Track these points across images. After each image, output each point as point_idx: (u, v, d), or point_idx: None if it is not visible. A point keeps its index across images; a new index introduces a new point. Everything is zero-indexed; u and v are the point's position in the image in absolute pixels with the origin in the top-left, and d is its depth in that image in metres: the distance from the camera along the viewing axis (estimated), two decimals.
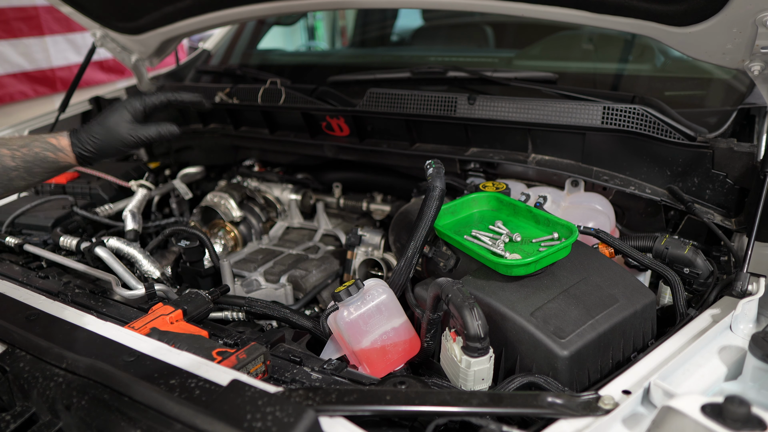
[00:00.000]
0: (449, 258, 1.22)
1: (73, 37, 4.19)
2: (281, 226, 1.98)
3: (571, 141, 1.51)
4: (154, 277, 1.49)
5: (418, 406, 0.78)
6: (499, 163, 1.61)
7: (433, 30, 2.94)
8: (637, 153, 1.44)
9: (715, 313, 1.03)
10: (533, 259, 1.03)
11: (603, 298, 1.04)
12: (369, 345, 1.06)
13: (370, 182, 2.02)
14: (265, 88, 1.94)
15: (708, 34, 1.25)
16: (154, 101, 1.20)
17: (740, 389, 0.86)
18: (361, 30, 3.21)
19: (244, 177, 2.09)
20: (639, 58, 2.03)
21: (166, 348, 0.91)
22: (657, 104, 1.46)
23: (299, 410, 0.69)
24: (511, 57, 2.25)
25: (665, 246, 1.26)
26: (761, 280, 1.07)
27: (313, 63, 2.82)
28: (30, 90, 4.00)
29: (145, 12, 1.97)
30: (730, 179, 1.34)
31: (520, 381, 0.94)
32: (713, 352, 0.93)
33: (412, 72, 1.90)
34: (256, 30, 2.76)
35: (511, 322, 1.00)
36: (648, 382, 0.82)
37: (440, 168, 1.23)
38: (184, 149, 2.31)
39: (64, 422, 0.82)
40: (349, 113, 1.76)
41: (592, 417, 0.77)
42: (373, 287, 1.11)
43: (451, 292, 0.96)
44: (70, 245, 1.54)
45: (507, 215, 1.26)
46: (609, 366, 1.02)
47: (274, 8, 1.83)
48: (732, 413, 0.64)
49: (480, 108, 1.57)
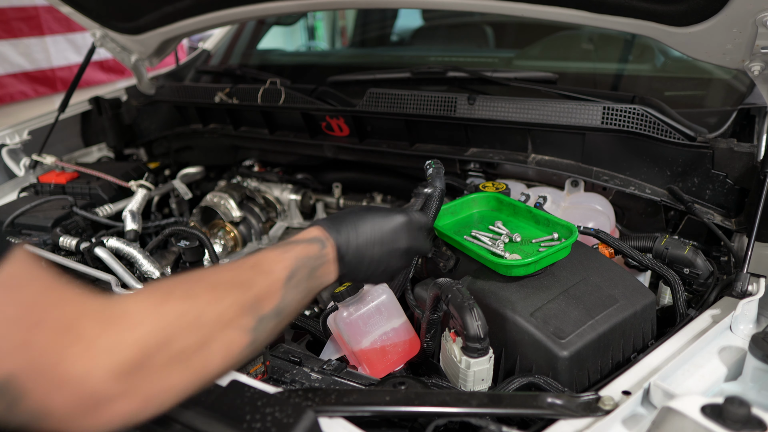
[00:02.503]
0: (449, 258, 1.22)
1: (73, 37, 4.19)
2: (281, 227, 1.98)
3: (570, 141, 1.50)
4: (153, 277, 1.49)
5: (418, 406, 0.78)
6: (498, 163, 1.61)
7: (433, 30, 2.94)
8: (637, 153, 1.44)
9: (715, 313, 1.03)
10: (533, 259, 1.03)
11: (603, 299, 1.04)
12: (369, 345, 1.06)
13: (369, 182, 2.02)
14: (264, 88, 1.94)
15: (708, 34, 1.25)
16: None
17: (740, 390, 0.86)
18: (361, 30, 3.21)
19: (244, 177, 2.09)
20: (639, 58, 2.03)
21: None
22: (657, 104, 1.46)
23: (299, 411, 0.69)
24: (511, 57, 2.25)
25: (665, 246, 1.26)
26: (761, 280, 1.07)
27: (313, 63, 2.82)
28: (30, 90, 3.99)
29: (145, 12, 1.97)
30: (730, 179, 1.34)
31: (519, 381, 0.94)
32: (713, 352, 0.93)
33: (412, 72, 1.90)
34: (256, 30, 2.76)
35: (511, 322, 1.00)
36: (648, 383, 0.82)
37: (440, 168, 1.23)
38: (183, 149, 2.31)
39: None
40: (349, 113, 1.76)
41: (592, 417, 0.77)
42: (372, 288, 1.11)
43: (451, 292, 0.96)
44: (69, 245, 1.54)
45: (507, 215, 1.26)
46: (609, 366, 1.02)
47: (274, 8, 1.83)
48: (732, 414, 0.64)
49: (480, 108, 1.57)
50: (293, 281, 0.77)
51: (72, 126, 2.30)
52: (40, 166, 2.06)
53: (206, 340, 0.64)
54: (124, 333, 0.58)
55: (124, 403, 0.57)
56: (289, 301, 0.76)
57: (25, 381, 0.53)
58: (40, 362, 0.53)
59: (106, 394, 0.55)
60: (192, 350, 0.62)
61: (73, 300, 0.58)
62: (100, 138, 2.34)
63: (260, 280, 0.73)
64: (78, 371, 0.54)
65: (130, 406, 0.57)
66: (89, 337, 0.56)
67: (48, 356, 0.54)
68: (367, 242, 0.89)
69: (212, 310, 0.66)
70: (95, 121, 2.30)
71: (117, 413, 0.57)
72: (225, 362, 0.66)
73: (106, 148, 2.37)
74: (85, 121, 2.34)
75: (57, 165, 2.02)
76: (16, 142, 2.05)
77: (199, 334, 0.63)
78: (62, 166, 2.02)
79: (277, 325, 0.74)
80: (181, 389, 0.62)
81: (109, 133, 2.29)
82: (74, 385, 0.54)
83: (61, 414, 0.55)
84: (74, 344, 0.55)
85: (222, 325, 0.66)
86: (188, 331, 0.62)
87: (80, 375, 0.54)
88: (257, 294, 0.72)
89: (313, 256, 0.82)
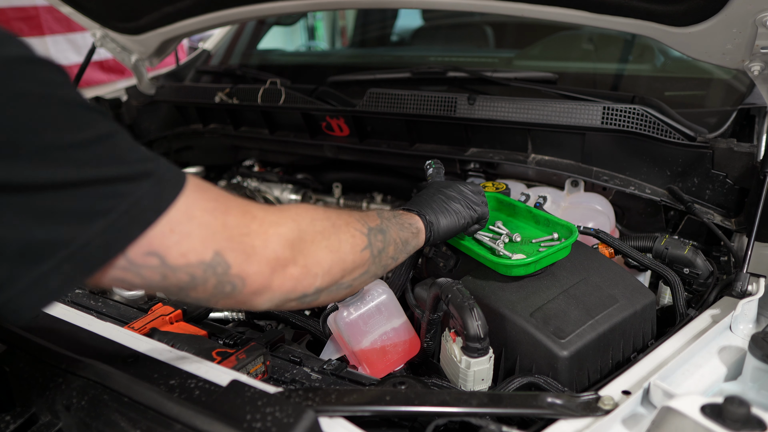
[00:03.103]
0: (449, 258, 1.22)
1: (74, 37, 4.18)
2: None
3: (570, 141, 1.51)
4: None
5: (418, 406, 0.78)
6: (498, 163, 1.61)
7: (433, 30, 2.94)
8: (637, 153, 1.44)
9: (715, 313, 1.03)
10: (533, 259, 1.03)
11: (603, 299, 1.04)
12: (369, 345, 1.06)
13: (369, 182, 2.02)
14: (265, 88, 1.94)
15: (708, 34, 1.25)
16: None
17: (740, 390, 0.86)
18: (361, 30, 3.21)
19: (244, 177, 2.09)
20: (639, 58, 2.03)
21: (165, 348, 0.91)
22: (657, 104, 1.46)
23: (299, 411, 0.69)
24: (511, 57, 2.25)
25: (665, 246, 1.26)
26: (761, 280, 1.07)
27: (313, 63, 2.82)
28: None
29: (145, 12, 1.97)
30: (730, 179, 1.34)
31: (519, 381, 0.94)
32: (713, 352, 0.93)
33: (412, 72, 1.90)
34: (256, 30, 2.76)
35: (510, 322, 1.00)
36: (648, 383, 0.82)
37: (440, 168, 1.23)
38: (184, 149, 2.31)
39: (64, 423, 0.82)
40: (349, 113, 1.76)
41: (592, 417, 0.77)
42: (372, 287, 1.10)
43: (451, 292, 0.96)
44: None
45: (507, 215, 1.26)
46: (609, 366, 1.02)
47: (274, 8, 1.83)
48: (732, 414, 0.64)
49: (480, 108, 1.57)
50: (385, 215, 0.97)
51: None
52: None
53: (336, 228, 0.84)
54: (283, 212, 0.78)
55: (293, 269, 0.75)
56: (387, 226, 0.94)
57: (229, 254, 0.69)
58: (235, 238, 0.70)
59: (281, 258, 0.74)
60: (329, 231, 0.83)
61: (239, 197, 0.75)
62: None
63: (360, 213, 0.95)
64: (260, 242, 0.72)
65: (297, 271, 0.76)
66: (261, 216, 0.74)
67: (239, 232, 0.70)
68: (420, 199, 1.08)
69: (335, 215, 0.87)
70: None
71: (291, 276, 0.75)
72: (353, 249, 0.86)
73: None
74: None
75: None
76: None
77: (329, 223, 0.84)
78: None
79: (384, 242, 0.92)
80: (327, 264, 0.81)
81: None
82: (260, 252, 0.72)
83: (255, 277, 0.72)
84: (252, 222, 0.72)
85: (344, 223, 0.87)
86: (323, 220, 0.83)
87: (262, 244, 0.72)
88: (360, 216, 0.92)
89: (388, 211, 1.01)
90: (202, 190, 0.70)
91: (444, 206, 1.05)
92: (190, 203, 0.67)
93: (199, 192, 0.69)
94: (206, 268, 0.68)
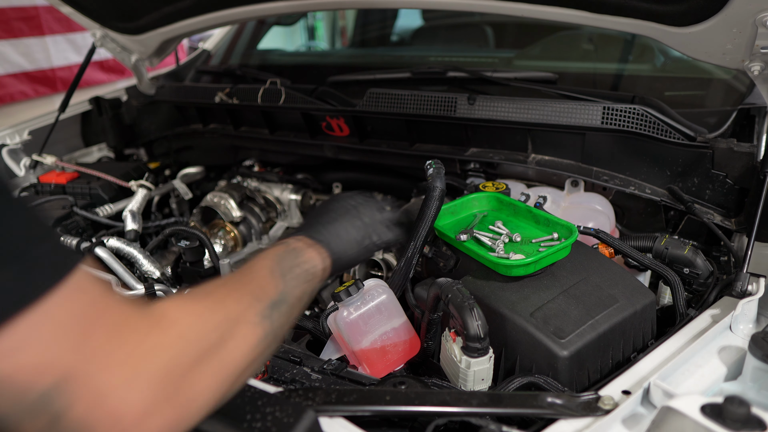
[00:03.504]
0: (449, 258, 1.22)
1: (74, 37, 4.19)
2: (281, 227, 1.98)
3: (570, 141, 1.51)
4: (154, 277, 1.49)
5: (418, 406, 0.78)
6: (499, 163, 1.61)
7: (433, 30, 2.94)
8: (637, 153, 1.44)
9: (715, 313, 1.03)
10: (533, 259, 1.03)
11: (603, 299, 1.04)
12: (369, 345, 1.06)
13: (370, 182, 2.02)
14: (265, 88, 1.94)
15: (708, 34, 1.25)
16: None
17: (740, 389, 0.86)
18: (361, 30, 3.21)
19: (244, 177, 2.09)
20: (639, 58, 2.03)
21: None
22: (657, 104, 1.46)
23: (299, 410, 0.69)
24: (511, 57, 2.25)
25: (665, 246, 1.26)
26: (761, 280, 1.07)
27: (313, 63, 2.82)
28: (30, 90, 3.99)
29: (145, 12, 1.97)
30: (730, 179, 1.34)
31: (519, 381, 0.94)
32: (713, 352, 0.93)
33: (412, 72, 1.90)
34: (256, 30, 2.76)
35: (510, 322, 1.00)
36: (648, 383, 0.82)
37: (440, 168, 1.23)
38: (184, 149, 2.31)
39: None
40: (349, 113, 1.76)
41: (592, 417, 0.77)
42: (372, 287, 1.11)
43: (451, 292, 0.96)
44: (70, 245, 1.54)
45: (507, 215, 1.26)
46: (609, 366, 1.02)
47: (274, 8, 1.83)
48: (732, 413, 0.64)
49: (480, 108, 1.57)
50: (286, 268, 0.84)
51: (72, 126, 2.30)
52: (40, 166, 2.06)
53: (228, 335, 0.66)
54: (167, 331, 0.60)
55: (167, 410, 0.57)
56: (288, 289, 0.81)
57: (74, 387, 0.51)
58: (90, 365, 0.53)
59: (148, 404, 0.55)
60: (218, 345, 0.64)
61: (121, 304, 0.58)
62: (100, 138, 2.35)
63: (253, 277, 0.80)
64: (120, 380, 0.54)
65: (171, 412, 0.57)
66: (134, 341, 0.56)
67: (97, 359, 0.53)
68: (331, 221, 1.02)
69: (232, 307, 0.70)
70: (95, 121, 2.30)
71: (163, 421, 0.57)
72: (247, 352, 0.68)
73: (106, 148, 2.37)
74: (85, 121, 2.34)
75: (57, 165, 2.02)
76: (17, 142, 2.05)
77: (217, 334, 0.65)
78: (62, 166, 2.02)
79: (286, 313, 0.78)
80: (212, 391, 0.63)
81: (109, 133, 2.29)
82: (118, 395, 0.54)
83: (106, 428, 0.53)
84: (122, 347, 0.55)
85: (238, 317, 0.69)
86: (213, 331, 0.65)
87: (123, 383, 0.54)
88: (261, 290, 0.77)
89: (289, 249, 0.90)
90: (76, 291, 0.54)
91: (348, 235, 1.01)
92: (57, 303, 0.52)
93: (72, 295, 0.54)
94: (39, 398, 0.50)
